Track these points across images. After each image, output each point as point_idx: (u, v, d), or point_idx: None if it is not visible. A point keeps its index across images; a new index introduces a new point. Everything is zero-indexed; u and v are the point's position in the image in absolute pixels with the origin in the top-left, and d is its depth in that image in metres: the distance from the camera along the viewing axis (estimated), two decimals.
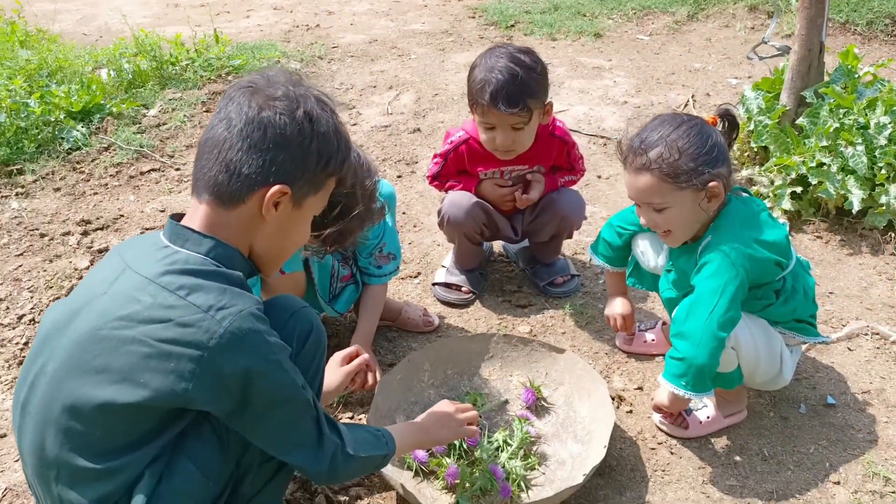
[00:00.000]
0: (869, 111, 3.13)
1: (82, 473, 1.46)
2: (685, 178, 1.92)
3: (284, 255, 1.67)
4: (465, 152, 2.67)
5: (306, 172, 1.53)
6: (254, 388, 1.43)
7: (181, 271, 1.44)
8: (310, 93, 1.56)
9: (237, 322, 1.40)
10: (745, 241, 1.95)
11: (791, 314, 2.10)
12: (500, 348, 2.39)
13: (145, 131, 4.14)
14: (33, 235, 3.28)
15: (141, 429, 1.46)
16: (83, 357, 1.44)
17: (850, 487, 2.05)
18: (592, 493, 2.07)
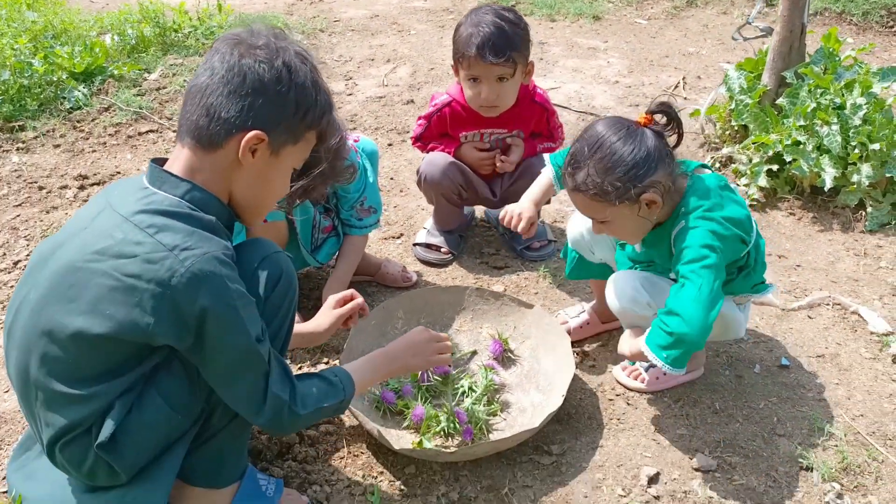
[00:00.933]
0: (846, 92, 3.22)
1: (58, 397, 1.56)
2: (616, 196, 1.94)
3: (264, 204, 1.73)
4: (448, 115, 2.77)
5: (283, 120, 1.59)
6: (207, 328, 1.50)
7: (154, 211, 1.52)
8: (291, 46, 1.63)
9: (199, 263, 1.47)
10: (715, 222, 1.97)
11: (749, 285, 2.18)
12: (472, 301, 2.49)
13: (145, 94, 4.24)
14: (32, 188, 3.40)
15: (112, 360, 1.55)
16: (60, 287, 1.54)
17: (794, 440, 2.15)
18: (550, 437, 2.17)
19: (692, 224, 1.98)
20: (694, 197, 2.02)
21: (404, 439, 2.16)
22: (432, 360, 2.08)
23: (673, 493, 2.00)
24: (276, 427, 1.67)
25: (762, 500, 1.99)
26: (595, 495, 2.01)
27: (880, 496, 2.00)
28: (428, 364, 2.09)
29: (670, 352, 1.92)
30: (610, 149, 1.94)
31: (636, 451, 2.13)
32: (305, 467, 2.07)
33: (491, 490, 2.03)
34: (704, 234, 1.96)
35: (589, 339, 2.54)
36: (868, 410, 2.25)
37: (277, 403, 1.63)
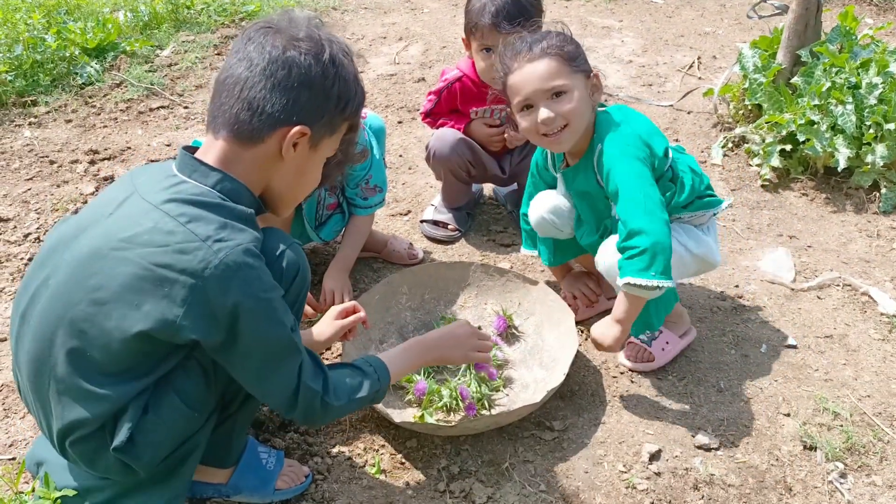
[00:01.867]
0: (862, 71, 3.16)
1: (74, 391, 1.52)
2: (579, 62, 2.05)
3: (299, 195, 1.71)
4: (458, 90, 2.75)
5: (326, 114, 1.57)
6: (242, 323, 1.46)
7: (185, 200, 1.48)
8: (333, 38, 1.59)
9: (233, 255, 1.42)
10: (630, 136, 2.04)
11: (692, 194, 2.15)
12: (477, 277, 2.49)
13: (157, 70, 4.25)
14: (43, 162, 3.41)
15: (133, 359, 1.50)
16: (83, 274, 1.49)
17: (799, 419, 2.14)
18: (552, 413, 2.17)
19: (608, 145, 2.05)
20: (604, 122, 2.11)
21: (406, 413, 2.16)
22: (472, 356, 2.03)
23: (674, 470, 1.99)
24: (309, 419, 1.65)
25: (764, 478, 1.98)
26: (596, 471, 2.00)
27: (884, 476, 1.99)
28: (467, 358, 2.04)
29: (654, 267, 1.90)
30: (564, 30, 2.11)
31: (638, 428, 2.12)
32: (307, 439, 2.08)
33: (492, 464, 2.03)
34: (624, 149, 2.02)
35: (594, 317, 2.52)
36: (875, 391, 2.23)
37: (310, 395, 1.61)
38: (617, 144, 2.04)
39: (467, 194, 2.97)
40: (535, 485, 1.97)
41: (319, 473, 1.99)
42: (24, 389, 1.64)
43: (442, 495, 1.94)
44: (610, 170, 2.02)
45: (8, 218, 3.03)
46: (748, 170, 3.32)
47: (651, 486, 1.96)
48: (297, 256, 1.65)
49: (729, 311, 2.52)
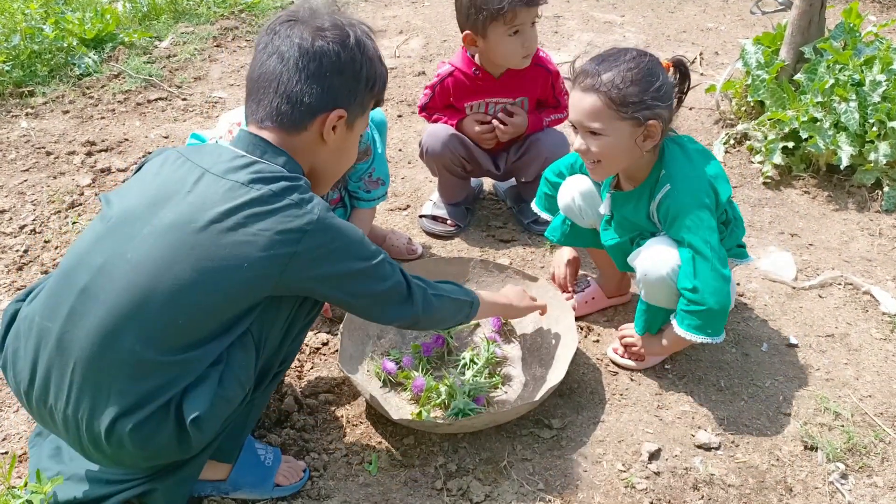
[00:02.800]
0: (866, 68, 3.14)
1: (146, 364, 1.50)
2: (629, 109, 1.92)
3: (339, 174, 1.83)
4: (451, 86, 2.72)
5: (357, 96, 1.67)
6: (342, 263, 1.62)
7: (263, 178, 1.57)
8: (355, 22, 1.68)
9: (322, 211, 1.57)
10: (700, 180, 2.01)
11: (735, 241, 2.17)
12: (476, 273, 2.46)
13: (155, 62, 4.21)
14: (40, 153, 3.39)
15: (214, 323, 1.56)
16: (181, 247, 1.51)
17: (800, 419, 2.12)
18: (551, 411, 2.15)
19: (680, 189, 2.00)
20: (674, 158, 2.04)
21: (404, 410, 2.14)
22: (535, 305, 2.23)
23: (674, 470, 1.98)
24: (427, 312, 1.80)
25: (764, 478, 1.96)
26: (594, 470, 1.99)
27: (885, 477, 1.97)
28: (532, 308, 2.22)
29: (712, 328, 2.02)
30: (642, 66, 1.94)
31: (638, 426, 2.10)
32: (304, 435, 2.06)
33: (489, 462, 2.01)
34: (696, 196, 1.99)
35: (594, 314, 2.50)
36: (877, 391, 2.21)
37: (419, 291, 1.78)
38: (689, 191, 2.00)
39: (465, 189, 2.94)
40: (533, 483, 1.95)
41: (316, 470, 1.97)
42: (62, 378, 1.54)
43: (439, 493, 1.92)
44: (678, 216, 2.00)
45: (3, 209, 3.01)
46: (750, 167, 3.30)
47: (650, 485, 1.94)
48: None
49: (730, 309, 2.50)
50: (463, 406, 2.09)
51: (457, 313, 1.95)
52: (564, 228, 2.42)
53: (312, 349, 2.35)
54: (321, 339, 2.39)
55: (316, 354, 2.34)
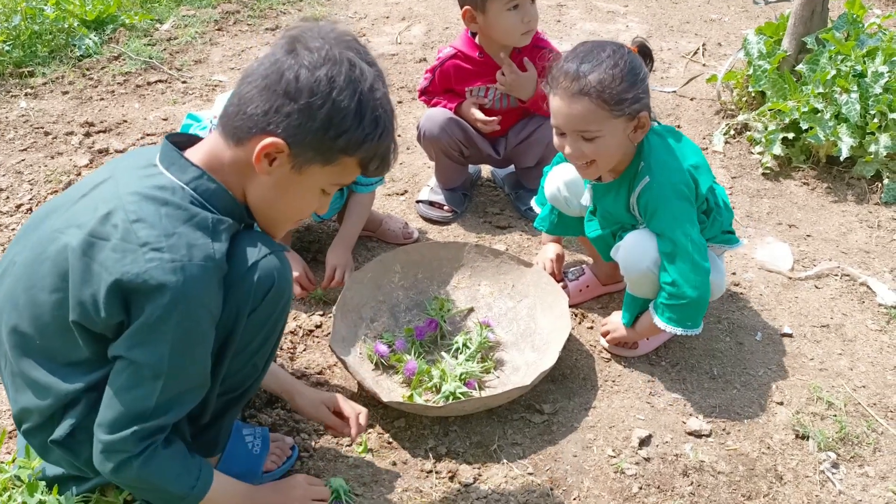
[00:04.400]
0: (868, 60, 3.12)
1: (22, 376, 1.53)
2: (622, 106, 1.89)
3: (278, 219, 1.60)
4: (452, 69, 2.70)
5: (309, 135, 1.43)
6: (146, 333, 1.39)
7: (147, 196, 1.42)
8: (354, 60, 1.44)
9: (158, 271, 1.35)
10: (679, 172, 1.99)
11: (719, 229, 2.17)
12: (470, 258, 2.45)
13: (156, 44, 4.20)
14: (38, 133, 3.38)
15: (79, 349, 1.47)
16: (39, 258, 1.48)
17: (792, 408, 2.11)
18: (543, 396, 2.15)
19: (658, 182, 1.98)
20: (654, 150, 2.02)
21: (395, 392, 2.14)
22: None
23: (664, 456, 1.97)
24: (112, 470, 1.46)
25: (755, 465, 1.95)
26: (585, 455, 1.98)
27: (877, 467, 1.96)
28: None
29: (691, 320, 2.03)
30: (623, 60, 1.90)
31: (629, 413, 2.10)
32: (294, 416, 2.05)
33: (480, 446, 2.01)
34: (675, 189, 1.98)
35: (588, 301, 2.50)
36: (871, 382, 2.21)
37: (129, 448, 1.44)
38: (668, 183, 1.98)
39: (463, 175, 2.93)
40: (523, 467, 1.95)
41: (305, 451, 1.97)
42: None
43: (428, 475, 1.92)
44: (658, 209, 2.00)
45: (1, 188, 3.00)
46: (749, 157, 3.28)
47: (640, 471, 1.93)
48: (275, 268, 1.51)
49: (725, 298, 2.49)
50: (454, 389, 2.08)
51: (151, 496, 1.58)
52: (552, 218, 2.42)
53: (306, 331, 2.35)
54: (314, 321, 2.38)
55: (309, 336, 2.34)
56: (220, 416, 1.68)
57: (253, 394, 1.74)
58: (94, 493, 1.69)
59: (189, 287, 1.37)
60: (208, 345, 1.46)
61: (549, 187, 2.35)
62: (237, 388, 1.65)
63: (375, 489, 1.89)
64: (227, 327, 1.50)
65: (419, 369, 2.15)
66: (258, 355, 1.61)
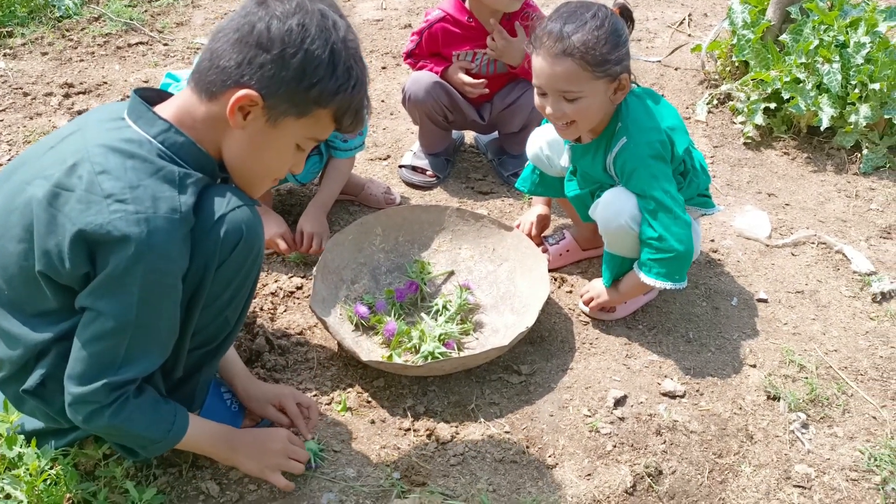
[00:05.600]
0: (850, 30, 3.13)
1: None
2: (604, 68, 1.91)
3: (254, 174, 1.58)
4: (440, 32, 2.69)
5: (283, 86, 1.42)
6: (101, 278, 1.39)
7: (114, 148, 1.41)
8: (326, 11, 1.44)
9: (122, 223, 1.35)
10: (656, 132, 2.02)
11: (696, 191, 2.19)
12: (452, 221, 2.46)
13: (137, 5, 4.15)
14: (17, 94, 3.34)
15: (40, 299, 1.47)
16: (7, 208, 1.48)
17: (764, 371, 2.15)
18: (521, 357, 2.17)
19: (634, 143, 2.00)
20: (631, 111, 2.04)
21: (374, 353, 2.16)
22: (266, 473, 1.71)
23: (638, 416, 2.01)
24: (83, 418, 1.47)
25: (726, 425, 1.99)
26: (560, 414, 2.01)
27: (846, 428, 2.01)
28: (261, 474, 1.72)
29: (678, 273, 2.07)
30: (606, 22, 1.92)
31: (605, 374, 2.13)
32: (274, 375, 2.07)
33: (458, 405, 2.03)
34: (652, 148, 2.00)
35: (568, 266, 2.52)
36: (843, 346, 2.24)
37: (100, 397, 1.44)
38: (645, 142, 2.00)
39: (446, 140, 2.93)
40: (500, 426, 1.98)
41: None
42: None
43: (406, 433, 1.95)
44: (635, 170, 2.02)
45: None
46: (732, 127, 3.30)
47: (614, 430, 1.97)
48: (244, 221, 1.49)
49: (703, 264, 2.52)
50: (433, 350, 2.10)
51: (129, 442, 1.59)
52: (534, 178, 2.43)
53: (286, 292, 2.36)
54: (295, 282, 2.39)
55: (290, 297, 2.35)
56: (195, 372, 1.69)
57: (227, 349, 1.74)
58: (72, 447, 1.70)
59: (153, 239, 1.37)
60: (176, 297, 1.47)
61: (531, 147, 2.36)
62: (210, 342, 1.65)
63: (354, 446, 1.91)
64: (196, 280, 1.49)
65: (399, 330, 2.16)
66: (229, 309, 1.61)
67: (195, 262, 1.47)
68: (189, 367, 1.66)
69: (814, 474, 1.89)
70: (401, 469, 1.84)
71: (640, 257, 2.09)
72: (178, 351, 1.58)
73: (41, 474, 1.60)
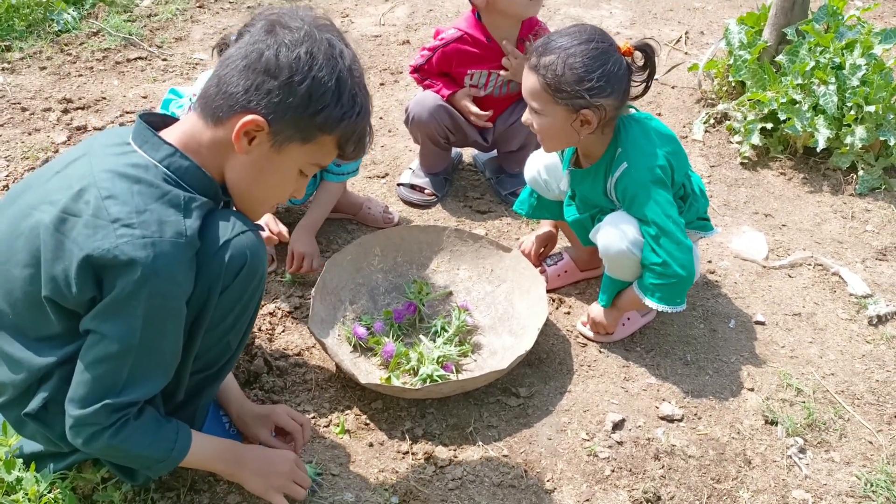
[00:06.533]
0: (846, 52, 3.15)
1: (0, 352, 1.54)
2: (562, 96, 1.95)
3: (256, 200, 1.60)
4: (454, 52, 2.68)
5: (289, 112, 1.45)
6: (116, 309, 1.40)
7: (120, 173, 1.43)
8: (333, 41, 1.47)
9: (128, 247, 1.36)
10: (656, 157, 2.03)
11: (695, 215, 2.20)
12: (450, 242, 2.47)
13: (136, 20, 4.15)
14: (15, 109, 3.34)
15: (52, 324, 1.48)
16: (13, 233, 1.48)
17: (762, 394, 2.16)
18: (519, 380, 2.17)
19: (635, 168, 2.03)
20: (630, 136, 2.06)
21: (373, 375, 2.15)
22: (270, 496, 1.71)
23: (636, 440, 2.01)
24: (83, 441, 1.48)
25: (724, 450, 1.99)
26: (559, 438, 2.01)
27: (843, 453, 2.01)
28: (265, 495, 1.71)
29: (679, 298, 2.09)
30: (585, 55, 1.93)
31: (603, 397, 2.13)
32: (272, 396, 2.07)
33: (456, 428, 2.03)
34: (652, 173, 2.02)
35: (566, 287, 2.52)
36: (839, 370, 2.25)
37: (101, 419, 1.45)
38: (645, 168, 2.03)
39: (445, 160, 2.94)
40: (498, 449, 1.98)
41: None
42: None
43: (404, 456, 1.95)
44: (637, 194, 2.04)
45: None
46: (728, 147, 3.31)
47: (613, 454, 1.97)
48: (248, 246, 1.51)
49: (700, 285, 2.53)
50: (431, 372, 2.10)
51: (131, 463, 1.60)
52: (532, 201, 2.44)
53: (284, 313, 2.36)
54: (293, 302, 2.39)
55: (287, 318, 2.35)
56: (196, 395, 1.69)
57: (227, 373, 1.75)
58: (71, 471, 1.70)
59: (159, 263, 1.38)
60: (180, 321, 1.47)
61: (528, 171, 2.37)
62: (211, 366, 1.66)
63: (352, 469, 1.91)
64: (199, 304, 1.50)
65: (397, 352, 2.17)
66: (231, 333, 1.62)
67: (199, 286, 1.48)
68: (190, 390, 1.66)
69: (811, 500, 1.89)
70: (399, 493, 1.84)
71: (642, 280, 2.10)
72: (179, 375, 1.58)
73: (40, 499, 1.59)
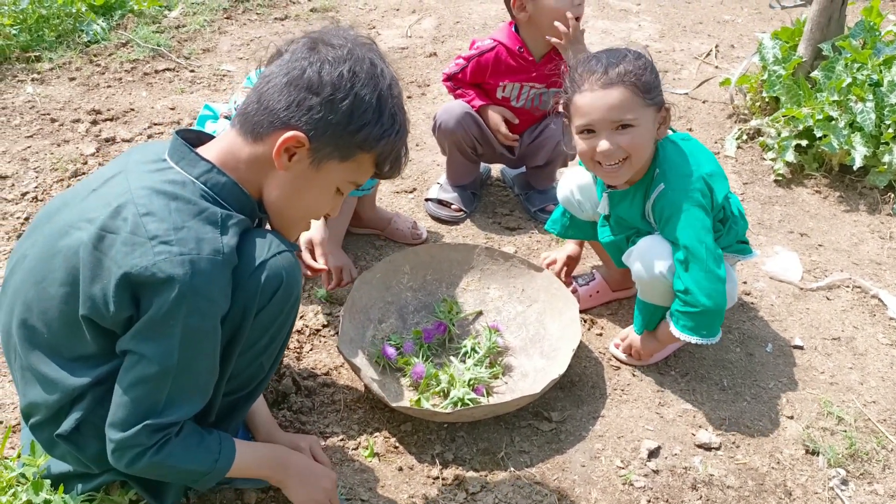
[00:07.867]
0: (884, 68, 3.08)
1: (31, 370, 1.51)
2: (651, 95, 1.92)
3: (293, 217, 1.59)
4: (491, 62, 2.66)
5: (330, 129, 1.45)
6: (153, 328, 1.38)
7: (158, 190, 1.41)
8: (375, 60, 1.48)
9: (166, 264, 1.34)
10: (695, 179, 1.98)
11: (735, 238, 2.15)
12: (481, 260, 2.43)
13: (164, 31, 4.16)
14: (44, 120, 3.35)
15: (87, 343, 1.46)
16: (50, 251, 1.47)
17: (802, 423, 2.10)
18: (551, 403, 2.13)
19: (673, 189, 1.98)
20: (669, 157, 2.02)
21: (402, 396, 2.12)
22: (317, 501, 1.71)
23: (673, 469, 1.96)
24: (125, 462, 1.45)
25: (764, 480, 1.94)
26: (593, 465, 1.97)
27: (886, 485, 1.95)
28: (307, 502, 1.71)
29: (707, 329, 2.00)
30: (638, 56, 1.95)
31: (638, 423, 2.08)
32: (300, 417, 2.04)
33: (487, 453, 1.99)
34: (690, 196, 1.97)
35: (598, 307, 2.48)
36: (881, 397, 2.19)
37: (142, 440, 1.42)
38: (683, 190, 1.97)
39: (473, 173, 2.90)
40: (530, 476, 1.93)
41: None
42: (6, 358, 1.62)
43: (434, 482, 1.91)
44: (672, 216, 1.98)
45: (6, 175, 2.97)
46: (762, 163, 3.26)
47: (649, 483, 1.92)
48: (284, 268, 1.49)
49: (736, 308, 2.47)
50: (462, 395, 2.06)
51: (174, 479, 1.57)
52: (564, 221, 2.40)
53: (312, 331, 2.33)
54: (321, 320, 2.36)
55: (316, 336, 2.32)
56: (227, 417, 1.67)
57: (259, 394, 1.73)
58: (98, 492, 1.67)
59: (197, 280, 1.36)
60: (216, 340, 1.45)
61: (561, 190, 2.33)
62: (243, 388, 1.64)
63: (381, 493, 1.87)
64: (234, 325, 1.48)
65: (427, 373, 2.13)
66: (265, 355, 1.60)
67: (235, 306, 1.46)
68: (221, 411, 1.64)
69: None
70: None
71: (672, 307, 2.05)
72: (212, 395, 1.56)
73: None
